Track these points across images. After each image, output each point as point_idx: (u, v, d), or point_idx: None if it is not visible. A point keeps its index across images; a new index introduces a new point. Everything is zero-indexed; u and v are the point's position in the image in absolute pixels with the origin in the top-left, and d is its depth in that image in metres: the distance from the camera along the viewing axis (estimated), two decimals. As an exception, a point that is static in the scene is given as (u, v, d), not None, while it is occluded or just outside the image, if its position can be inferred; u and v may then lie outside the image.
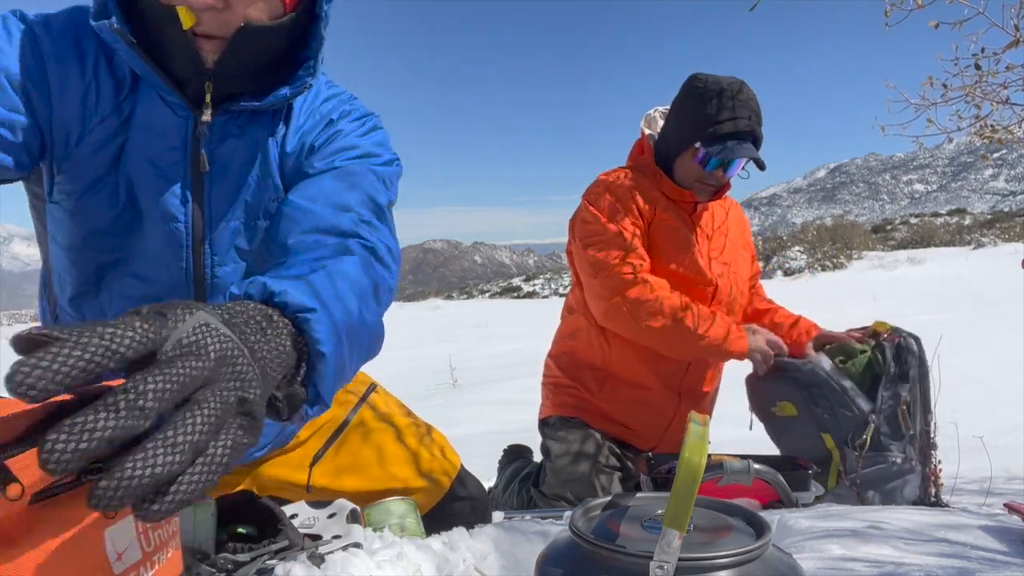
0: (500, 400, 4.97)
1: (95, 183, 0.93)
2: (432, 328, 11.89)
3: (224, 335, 0.43)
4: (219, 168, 0.96)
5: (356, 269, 0.76)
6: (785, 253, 16.40)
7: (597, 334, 1.89)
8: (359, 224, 0.87)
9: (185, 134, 0.93)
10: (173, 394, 0.36)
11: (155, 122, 0.92)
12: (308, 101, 1.04)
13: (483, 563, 0.87)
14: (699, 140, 1.75)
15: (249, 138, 0.98)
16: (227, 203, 0.98)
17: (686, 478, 0.47)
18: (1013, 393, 3.69)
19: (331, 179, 0.94)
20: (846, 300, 9.18)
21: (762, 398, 1.83)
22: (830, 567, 0.82)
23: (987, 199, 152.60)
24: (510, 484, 2.16)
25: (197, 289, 0.99)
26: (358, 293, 0.72)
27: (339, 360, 0.61)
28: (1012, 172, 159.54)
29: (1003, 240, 16.44)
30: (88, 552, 0.45)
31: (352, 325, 0.66)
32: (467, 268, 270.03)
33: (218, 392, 0.40)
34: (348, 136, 1.01)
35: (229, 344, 0.43)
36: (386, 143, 1.05)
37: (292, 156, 1.01)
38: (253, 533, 0.83)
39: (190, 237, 0.96)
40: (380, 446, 1.26)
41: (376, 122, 1.07)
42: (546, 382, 2.06)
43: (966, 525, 0.96)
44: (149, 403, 0.35)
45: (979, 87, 2.42)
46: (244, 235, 1.00)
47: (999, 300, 8.08)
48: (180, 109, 0.92)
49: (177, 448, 0.35)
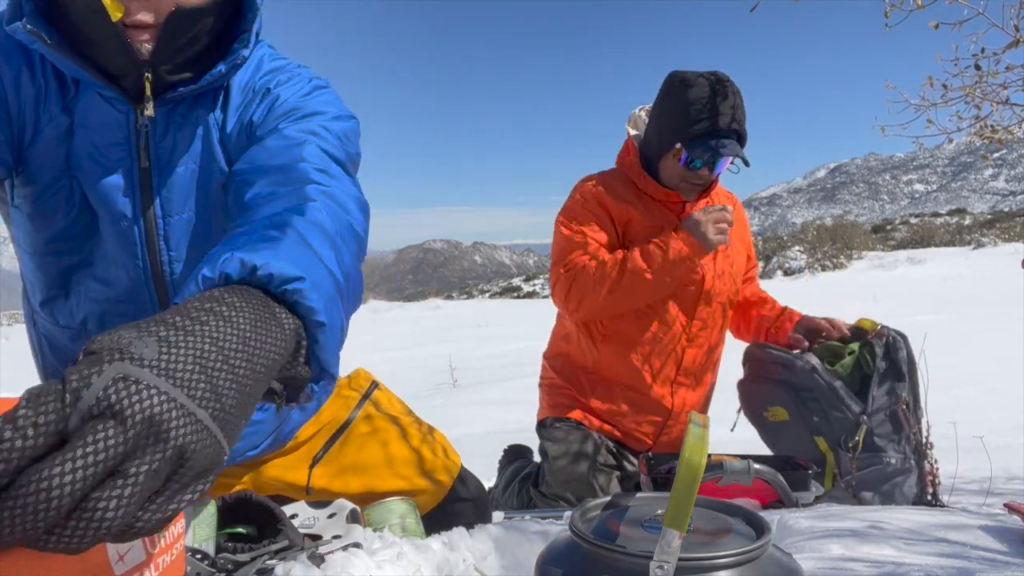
0: (500, 400, 4.98)
1: (50, 185, 0.91)
2: (432, 328, 11.88)
3: (147, 389, 0.35)
4: (164, 160, 0.93)
5: (322, 215, 0.69)
6: (785, 253, 16.40)
7: (585, 338, 1.89)
8: (313, 171, 0.79)
9: (127, 129, 0.90)
10: (82, 483, 0.32)
11: (96, 119, 0.90)
12: (247, 76, 0.98)
13: (483, 563, 0.87)
14: (680, 141, 1.72)
15: (192, 125, 0.94)
16: (177, 196, 0.94)
17: (686, 478, 0.47)
18: (1013, 393, 3.69)
19: (276, 139, 0.87)
20: (846, 300, 9.18)
21: (754, 403, 1.83)
22: (830, 567, 0.82)
23: (987, 199, 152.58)
24: (510, 484, 2.16)
25: (157, 288, 0.97)
26: (331, 244, 0.65)
27: (337, 324, 0.57)
28: (1012, 172, 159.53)
29: (1003, 240, 16.44)
30: (89, 552, 0.45)
31: (337, 281, 0.61)
32: (467, 268, 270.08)
33: (144, 463, 0.34)
34: (288, 100, 0.95)
35: (155, 400, 0.35)
36: (335, 101, 0.98)
37: (232, 136, 0.96)
38: (253, 533, 0.83)
39: (143, 234, 0.93)
40: (384, 445, 1.26)
41: (321, 82, 1.00)
42: (542, 383, 2.06)
43: (966, 525, 0.96)
44: (53, 503, 0.31)
45: (979, 87, 2.42)
46: (199, 228, 0.96)
47: (999, 300, 8.08)
48: (119, 104, 0.89)
49: (96, 527, 0.33)
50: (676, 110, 1.72)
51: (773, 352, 1.76)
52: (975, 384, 4.16)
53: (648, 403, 1.87)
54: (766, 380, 1.77)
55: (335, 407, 1.26)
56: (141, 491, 0.34)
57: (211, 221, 0.97)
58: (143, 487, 0.34)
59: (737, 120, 1.70)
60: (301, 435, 1.22)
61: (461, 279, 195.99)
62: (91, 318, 0.99)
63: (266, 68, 1.00)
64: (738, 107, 1.71)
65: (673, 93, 1.74)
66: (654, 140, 1.80)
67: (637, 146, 1.88)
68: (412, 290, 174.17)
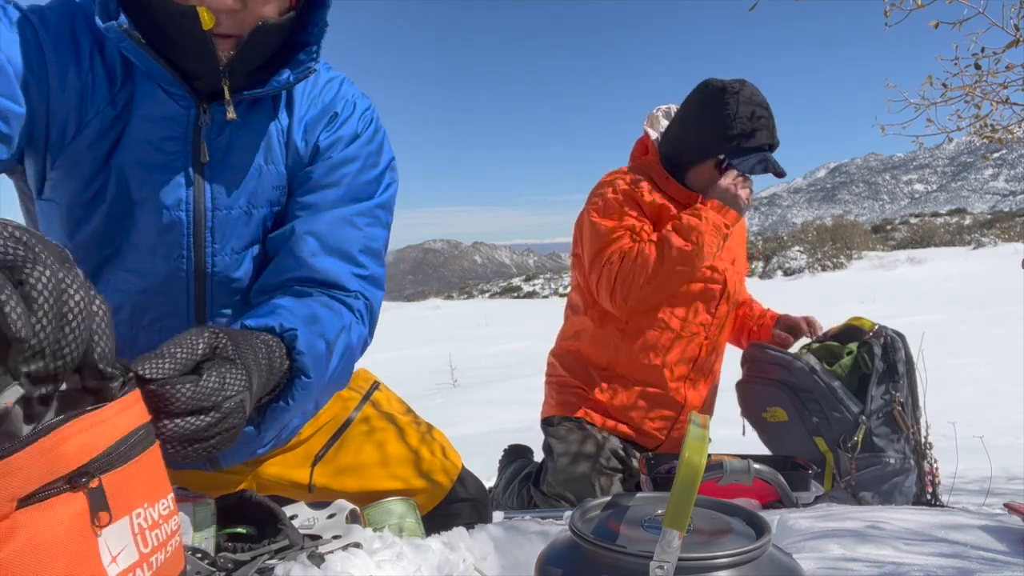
0: (500, 400, 4.98)
1: (91, 178, 0.93)
2: (432, 328, 11.89)
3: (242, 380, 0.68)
4: (219, 157, 0.96)
5: (343, 336, 0.93)
6: (785, 253, 16.40)
7: (609, 334, 1.89)
8: (356, 280, 1.01)
9: (186, 124, 0.94)
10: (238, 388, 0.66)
11: (157, 112, 0.92)
12: (308, 87, 1.04)
13: (483, 563, 0.87)
14: (725, 151, 1.77)
15: (250, 126, 0.98)
16: (228, 191, 0.98)
17: (686, 478, 0.47)
18: (1013, 393, 3.70)
19: (334, 213, 1.01)
20: (846, 300, 9.19)
21: (753, 405, 1.83)
22: (830, 567, 0.82)
23: (987, 199, 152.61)
24: (510, 484, 2.16)
25: (197, 280, 0.99)
26: (338, 357, 0.92)
27: (303, 404, 0.85)
28: (1012, 172, 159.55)
29: (1003, 240, 16.46)
30: (80, 554, 0.45)
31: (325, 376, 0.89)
32: (467, 268, 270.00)
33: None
34: (361, 174, 1.04)
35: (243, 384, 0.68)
36: (384, 147, 1.09)
37: (296, 147, 1.01)
38: (253, 533, 0.83)
39: (191, 226, 0.96)
40: (382, 445, 1.26)
41: (376, 126, 1.09)
42: (550, 381, 2.06)
43: (966, 525, 0.96)
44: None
45: (979, 87, 2.42)
46: (243, 223, 1.00)
47: (999, 300, 8.08)
48: (182, 100, 0.92)
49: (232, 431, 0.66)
50: (722, 121, 1.76)
51: (772, 353, 1.76)
52: (975, 384, 4.17)
53: (664, 399, 1.89)
54: (765, 381, 1.77)
55: (335, 408, 1.26)
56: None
57: (256, 218, 1.01)
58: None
59: (776, 135, 1.79)
60: (302, 434, 1.22)
61: (461, 279, 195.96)
62: (122, 309, 0.99)
63: (324, 77, 1.07)
64: (773, 120, 1.79)
65: (714, 103, 1.78)
66: (691, 146, 1.83)
67: (656, 146, 1.90)
68: (412, 290, 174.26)
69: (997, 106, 2.46)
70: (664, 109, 1.97)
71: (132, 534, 0.55)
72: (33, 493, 0.52)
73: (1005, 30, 2.11)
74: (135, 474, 0.58)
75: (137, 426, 0.61)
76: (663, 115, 1.97)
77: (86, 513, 0.53)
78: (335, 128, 1.04)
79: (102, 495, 0.55)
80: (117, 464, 0.58)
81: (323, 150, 1.02)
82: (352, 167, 1.04)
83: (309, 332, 0.83)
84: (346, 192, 1.03)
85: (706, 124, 1.79)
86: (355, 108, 1.07)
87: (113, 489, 0.56)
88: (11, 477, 0.49)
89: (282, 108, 1.01)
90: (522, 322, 11.45)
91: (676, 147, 1.87)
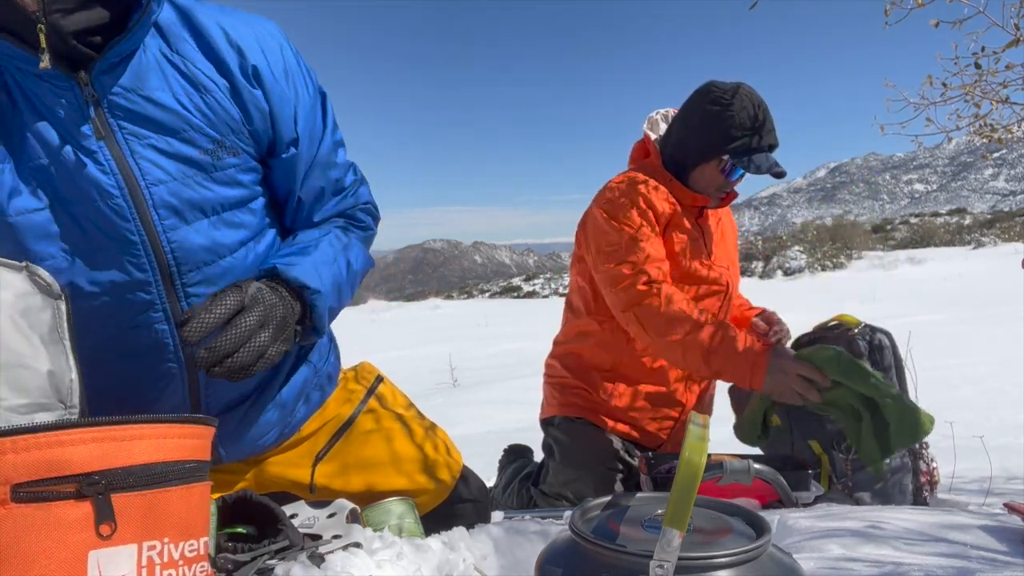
0: (500, 400, 4.98)
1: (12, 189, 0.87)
2: (432, 328, 11.89)
3: (267, 292, 0.90)
4: (127, 120, 0.89)
5: (348, 254, 1.09)
6: (785, 253, 16.41)
7: (614, 336, 1.88)
8: (353, 194, 1.18)
9: (76, 102, 0.86)
10: (253, 325, 0.84)
11: (41, 101, 0.86)
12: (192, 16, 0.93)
13: (483, 563, 0.88)
14: (728, 152, 1.77)
15: (132, 74, 0.89)
16: (148, 155, 0.89)
17: (686, 478, 0.47)
18: (1013, 393, 3.70)
19: (321, 179, 1.11)
20: (846, 300, 9.19)
21: (746, 408, 1.83)
22: (830, 567, 0.82)
23: (987, 199, 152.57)
24: (510, 484, 2.16)
25: (160, 265, 0.92)
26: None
27: (329, 306, 1.01)
28: (1012, 172, 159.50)
29: (1003, 240, 16.46)
30: (64, 567, 0.45)
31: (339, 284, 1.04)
32: (467, 268, 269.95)
33: (271, 318, 0.87)
34: (304, 110, 1.03)
35: (272, 298, 0.89)
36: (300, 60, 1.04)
37: (226, 70, 0.93)
38: (253, 533, 0.83)
39: (133, 209, 0.89)
40: (388, 442, 1.24)
41: (280, 38, 1.01)
42: (551, 382, 2.05)
43: (966, 525, 0.96)
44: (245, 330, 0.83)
45: (979, 86, 2.41)
46: (178, 181, 0.92)
47: (999, 300, 8.09)
48: (58, 80, 0.85)
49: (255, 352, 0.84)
50: (722, 123, 1.77)
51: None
52: (975, 384, 4.16)
53: (666, 399, 1.89)
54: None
55: (339, 402, 1.25)
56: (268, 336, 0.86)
57: (181, 162, 0.92)
58: (272, 335, 0.87)
59: (775, 135, 1.81)
60: (305, 430, 1.21)
61: (461, 279, 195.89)
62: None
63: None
64: (772, 120, 1.81)
65: (717, 105, 1.79)
66: (694, 147, 1.83)
67: (658, 148, 1.91)
68: (412, 290, 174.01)
69: (997, 105, 2.46)
70: (663, 113, 1.99)
71: (138, 565, 0.53)
72: (30, 484, 0.52)
73: (1005, 29, 2.11)
74: (157, 504, 0.58)
75: (172, 460, 0.60)
76: (662, 119, 1.98)
77: (90, 521, 0.53)
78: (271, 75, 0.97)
79: (110, 509, 0.54)
80: (137, 487, 0.57)
81: (261, 75, 0.96)
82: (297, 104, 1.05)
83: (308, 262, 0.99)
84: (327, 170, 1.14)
85: (708, 126, 1.80)
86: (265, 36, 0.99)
87: (125, 509, 0.56)
88: (2, 459, 0.49)
89: (159, 36, 0.91)
90: (522, 322, 11.45)
91: (679, 149, 1.87)
